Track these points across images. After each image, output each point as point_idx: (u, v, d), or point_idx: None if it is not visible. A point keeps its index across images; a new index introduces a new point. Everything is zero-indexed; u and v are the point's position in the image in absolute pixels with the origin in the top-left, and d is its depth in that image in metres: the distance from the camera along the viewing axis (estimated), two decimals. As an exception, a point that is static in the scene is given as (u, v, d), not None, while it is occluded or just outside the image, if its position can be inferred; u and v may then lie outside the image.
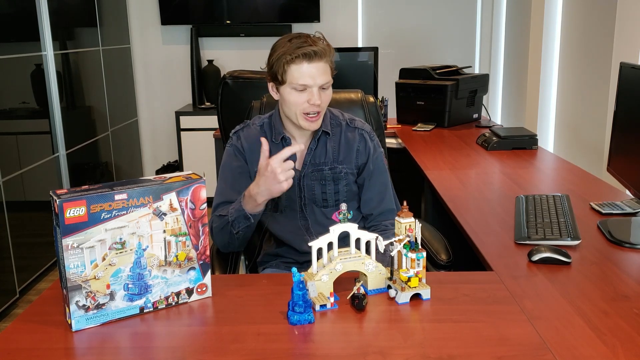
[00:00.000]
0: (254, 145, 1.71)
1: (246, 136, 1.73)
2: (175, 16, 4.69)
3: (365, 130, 1.77)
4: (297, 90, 1.59)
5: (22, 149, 3.25)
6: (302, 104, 1.59)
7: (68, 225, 1.13)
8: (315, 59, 1.56)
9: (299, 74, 1.56)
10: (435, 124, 3.34)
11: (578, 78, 3.12)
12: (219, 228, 1.66)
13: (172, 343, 1.15)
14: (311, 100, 1.58)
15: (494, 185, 2.21)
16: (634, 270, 1.44)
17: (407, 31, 4.69)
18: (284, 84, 1.60)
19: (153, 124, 5.00)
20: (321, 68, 1.58)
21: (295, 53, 1.55)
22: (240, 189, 1.71)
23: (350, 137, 1.74)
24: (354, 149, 1.73)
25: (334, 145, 1.73)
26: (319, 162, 1.71)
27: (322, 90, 1.60)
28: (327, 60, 1.59)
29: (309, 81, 1.57)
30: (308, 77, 1.56)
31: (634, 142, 1.70)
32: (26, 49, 3.32)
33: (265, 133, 1.72)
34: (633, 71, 1.74)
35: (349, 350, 1.10)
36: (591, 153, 2.92)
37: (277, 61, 1.58)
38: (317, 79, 1.57)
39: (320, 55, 1.57)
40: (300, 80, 1.57)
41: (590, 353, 1.08)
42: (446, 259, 1.72)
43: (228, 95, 2.75)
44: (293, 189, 1.71)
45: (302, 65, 1.56)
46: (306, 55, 1.55)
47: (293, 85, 1.58)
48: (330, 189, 1.72)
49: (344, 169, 1.72)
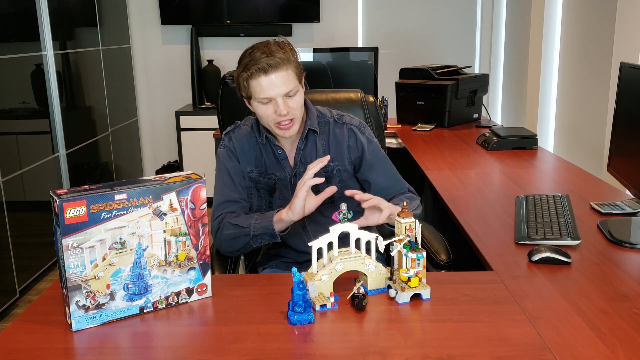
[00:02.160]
0: (245, 146, 1.73)
1: (237, 137, 1.74)
2: (175, 16, 4.69)
3: (354, 124, 1.76)
4: (263, 104, 1.59)
5: (22, 149, 3.25)
6: (271, 115, 1.60)
7: (68, 225, 1.13)
8: (271, 71, 1.55)
9: (260, 88, 1.57)
10: (435, 124, 3.34)
11: (578, 78, 3.12)
12: (231, 236, 1.63)
13: (172, 343, 1.15)
14: (277, 111, 1.58)
15: (494, 185, 2.21)
16: (634, 270, 1.44)
17: (407, 31, 4.69)
18: (251, 99, 1.61)
19: (153, 124, 5.00)
20: (281, 77, 1.56)
21: (251, 69, 1.55)
22: (238, 189, 1.71)
23: (339, 133, 1.74)
24: (344, 145, 1.73)
25: (323, 143, 1.73)
26: (309, 160, 1.71)
27: (289, 97, 1.59)
28: (288, 68, 1.57)
29: (270, 93, 1.57)
30: (268, 89, 1.56)
31: (634, 142, 1.70)
32: (26, 49, 3.32)
33: (254, 133, 1.73)
34: (633, 71, 1.74)
35: (349, 350, 1.10)
36: (591, 153, 2.92)
37: (238, 79, 1.60)
38: (277, 89, 1.56)
39: (276, 66, 1.55)
40: (262, 94, 1.57)
41: (590, 353, 1.08)
42: (446, 259, 1.71)
43: (228, 95, 2.75)
44: (286, 189, 1.72)
45: (260, 79, 1.56)
46: (261, 69, 1.54)
47: (258, 99, 1.59)
48: (323, 186, 1.71)
49: (336, 165, 1.72)
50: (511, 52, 4.20)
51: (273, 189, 1.72)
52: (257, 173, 1.72)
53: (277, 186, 1.72)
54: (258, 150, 1.72)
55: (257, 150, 1.72)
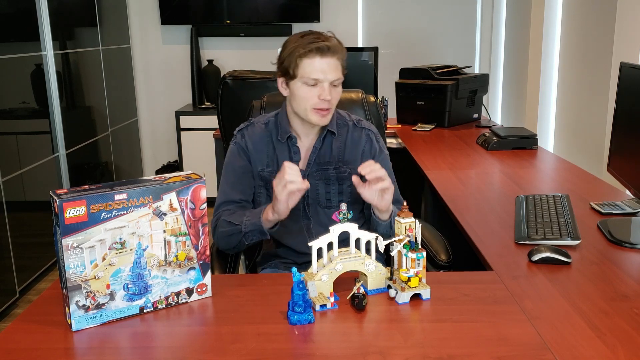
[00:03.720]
0: (259, 144, 1.71)
1: (250, 135, 1.72)
2: (175, 16, 4.69)
3: (372, 131, 1.77)
4: (307, 85, 1.58)
5: (22, 149, 3.25)
6: (312, 98, 1.59)
7: (68, 225, 1.13)
8: (327, 54, 1.56)
9: (311, 68, 1.57)
10: (435, 124, 3.34)
11: (578, 78, 3.12)
12: (226, 234, 1.64)
13: (172, 343, 1.15)
14: (322, 96, 1.58)
15: (494, 185, 2.21)
16: (634, 270, 1.44)
17: (407, 31, 4.69)
18: (295, 78, 1.59)
19: (153, 124, 5.00)
20: (333, 64, 1.58)
21: (308, 47, 1.55)
22: (243, 189, 1.71)
23: (357, 137, 1.74)
24: (360, 149, 1.73)
25: (340, 145, 1.72)
26: (323, 161, 1.71)
27: (333, 87, 1.60)
28: (339, 58, 1.60)
29: (320, 75, 1.57)
30: (320, 71, 1.57)
31: (634, 142, 1.70)
32: (26, 49, 3.32)
33: (270, 131, 1.71)
34: (633, 71, 1.74)
35: (349, 350, 1.10)
36: (591, 153, 2.92)
37: (289, 55, 1.58)
38: (329, 74, 1.57)
39: (333, 51, 1.57)
40: (312, 74, 1.57)
41: (590, 353, 1.08)
42: (446, 259, 1.71)
43: (228, 95, 2.75)
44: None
45: (315, 60, 1.56)
46: (319, 49, 1.55)
47: (304, 79, 1.58)
48: (334, 189, 1.71)
49: (349, 169, 1.71)
50: (511, 52, 4.20)
51: None
52: (269, 172, 1.70)
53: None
54: (271, 148, 1.71)
55: (271, 149, 1.71)
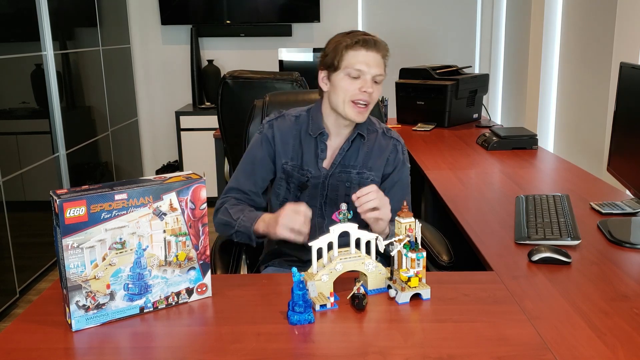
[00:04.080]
0: (287, 137, 1.71)
1: (280, 126, 1.72)
2: (175, 16, 4.69)
3: (400, 142, 1.78)
4: (350, 77, 1.60)
5: (22, 149, 3.26)
6: (353, 90, 1.60)
7: (68, 225, 1.13)
8: (372, 49, 1.59)
9: (356, 59, 1.58)
10: (435, 124, 3.34)
11: (578, 78, 3.12)
12: (222, 222, 1.67)
13: (172, 343, 1.15)
14: (363, 88, 1.59)
15: (494, 185, 2.21)
16: (634, 270, 1.44)
17: (407, 31, 4.69)
18: (338, 70, 1.61)
19: (153, 124, 5.00)
20: (377, 59, 1.60)
21: (355, 39, 1.58)
22: (256, 180, 1.72)
23: (384, 145, 1.74)
24: (385, 158, 1.73)
25: (367, 150, 1.72)
26: (348, 164, 1.71)
27: (374, 83, 1.61)
28: (384, 56, 1.62)
29: (364, 67, 1.58)
30: (364, 63, 1.58)
31: (634, 142, 1.70)
32: (26, 49, 3.32)
33: (300, 125, 1.72)
34: (633, 71, 1.74)
35: (349, 350, 1.10)
36: (591, 153, 2.92)
37: (335, 48, 1.61)
38: (372, 68, 1.59)
39: (378, 47, 1.60)
40: (356, 65, 1.58)
41: (590, 353, 1.08)
42: (448, 260, 1.71)
43: (228, 95, 2.75)
44: (316, 188, 1.70)
45: (360, 52, 1.58)
46: (365, 42, 1.58)
47: (348, 70, 1.59)
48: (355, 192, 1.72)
49: (371, 175, 1.72)
50: (511, 52, 4.20)
51: (304, 185, 1.70)
52: (292, 166, 1.71)
53: (309, 183, 1.70)
54: (298, 143, 1.71)
55: (297, 143, 1.71)
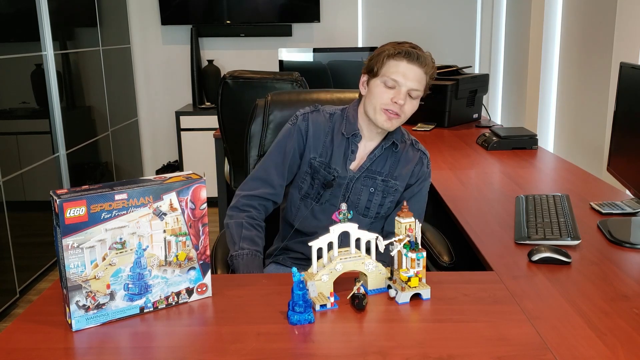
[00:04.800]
0: (319, 132, 1.71)
1: (314, 120, 1.72)
2: (175, 16, 4.69)
3: (426, 155, 1.78)
4: (386, 85, 1.60)
5: (22, 149, 3.25)
6: (386, 99, 1.60)
7: (68, 225, 1.13)
8: (414, 62, 1.58)
9: (395, 69, 1.59)
10: (435, 124, 3.34)
11: (578, 78, 3.12)
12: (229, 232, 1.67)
13: (172, 343, 1.15)
14: (395, 98, 1.59)
15: (494, 185, 2.21)
16: (634, 270, 1.45)
17: (407, 31, 4.69)
18: (377, 76, 1.61)
19: (153, 124, 5.00)
20: (417, 73, 1.59)
21: (399, 49, 1.58)
22: (282, 172, 1.71)
23: (412, 156, 1.74)
24: (411, 169, 1.73)
25: (395, 160, 1.72)
26: (375, 169, 1.71)
27: (409, 97, 1.61)
28: (426, 72, 1.61)
29: (400, 78, 1.58)
30: (401, 75, 1.58)
31: (634, 142, 1.70)
32: (26, 49, 3.32)
33: (333, 123, 1.72)
34: (633, 71, 1.74)
35: (349, 350, 1.10)
36: (591, 153, 2.92)
37: (379, 54, 1.61)
38: (410, 80, 1.59)
39: (421, 62, 1.59)
40: (393, 75, 1.58)
41: (590, 353, 1.08)
42: (448, 261, 1.72)
43: (228, 95, 2.75)
44: (340, 188, 1.70)
45: (401, 63, 1.58)
46: (408, 54, 1.58)
47: (384, 78, 1.60)
48: (377, 199, 1.72)
49: (396, 184, 1.72)
50: (511, 52, 4.20)
51: (329, 184, 1.70)
52: (319, 163, 1.70)
53: (334, 183, 1.70)
54: (329, 140, 1.71)
55: (329, 141, 1.71)
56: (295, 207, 1.76)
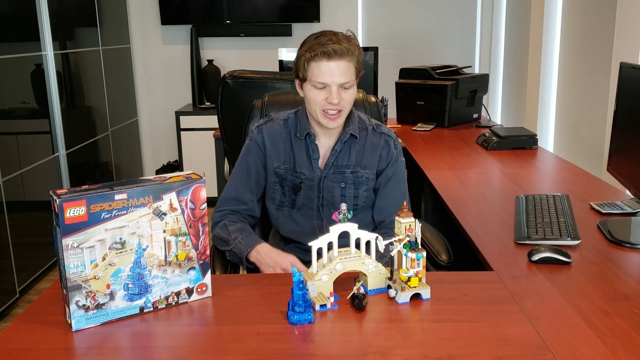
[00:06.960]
0: (276, 140, 1.71)
1: (269, 131, 1.73)
2: (175, 16, 4.69)
3: (391, 137, 1.76)
4: (316, 88, 1.59)
5: (22, 149, 3.25)
6: (321, 101, 1.60)
7: (68, 225, 1.13)
8: (335, 58, 1.56)
9: (319, 71, 1.57)
10: (435, 123, 3.34)
11: (578, 78, 3.12)
12: (219, 237, 1.68)
13: (172, 343, 1.15)
14: (329, 99, 1.58)
15: (494, 185, 2.21)
16: (634, 270, 1.44)
17: (407, 31, 4.69)
18: (306, 81, 1.61)
19: (153, 124, 5.00)
20: (342, 66, 1.57)
21: (315, 51, 1.56)
22: (251, 187, 1.72)
23: (375, 142, 1.73)
24: (377, 154, 1.73)
25: (359, 149, 1.72)
26: (341, 164, 1.71)
27: (343, 89, 1.60)
28: (350, 60, 1.58)
29: (327, 79, 1.57)
30: (327, 75, 1.57)
31: (634, 142, 1.70)
32: (26, 49, 3.32)
33: (289, 128, 1.72)
34: (633, 71, 1.74)
35: (349, 350, 1.10)
36: (591, 153, 2.92)
37: (300, 59, 1.60)
38: (336, 77, 1.57)
39: (341, 54, 1.56)
40: (319, 78, 1.57)
41: (590, 353, 1.08)
42: (446, 260, 1.71)
43: (228, 95, 2.75)
44: (312, 190, 1.71)
45: (321, 63, 1.56)
46: (325, 53, 1.55)
47: (312, 82, 1.59)
48: (350, 192, 1.71)
49: (366, 173, 1.71)
50: (511, 52, 4.20)
51: (298, 187, 1.71)
52: (285, 170, 1.71)
53: (303, 185, 1.71)
54: (289, 146, 1.71)
55: (288, 146, 1.71)
56: (275, 218, 1.78)
